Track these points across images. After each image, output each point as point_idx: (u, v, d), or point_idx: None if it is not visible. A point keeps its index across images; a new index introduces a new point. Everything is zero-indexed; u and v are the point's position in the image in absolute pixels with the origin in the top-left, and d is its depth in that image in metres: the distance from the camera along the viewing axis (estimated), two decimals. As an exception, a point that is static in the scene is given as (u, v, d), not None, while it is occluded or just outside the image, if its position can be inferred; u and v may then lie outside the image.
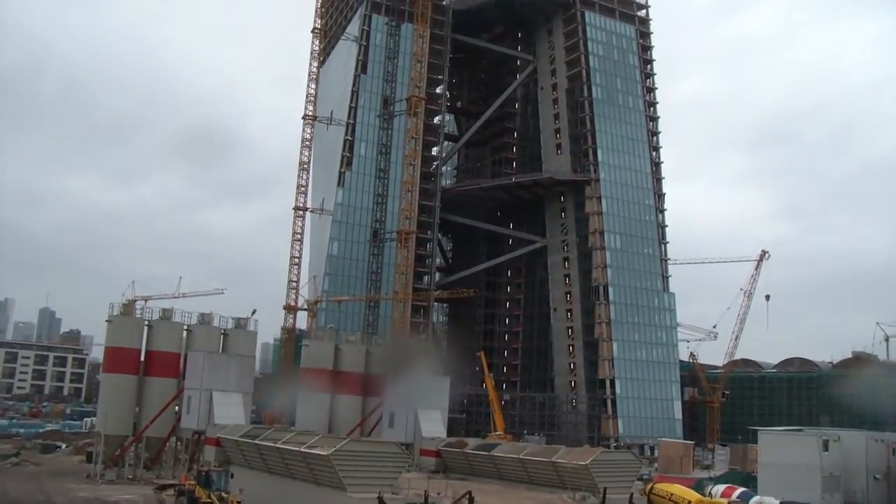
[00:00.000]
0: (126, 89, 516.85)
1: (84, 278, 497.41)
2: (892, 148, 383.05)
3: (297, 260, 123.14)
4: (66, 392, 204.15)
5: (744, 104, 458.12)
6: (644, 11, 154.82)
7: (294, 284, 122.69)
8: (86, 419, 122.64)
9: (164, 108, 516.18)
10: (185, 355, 67.76)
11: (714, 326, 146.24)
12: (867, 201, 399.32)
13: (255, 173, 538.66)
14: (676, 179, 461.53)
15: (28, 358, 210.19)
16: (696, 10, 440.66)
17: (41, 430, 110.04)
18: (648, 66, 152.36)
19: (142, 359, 68.33)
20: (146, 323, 68.79)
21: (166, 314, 69.90)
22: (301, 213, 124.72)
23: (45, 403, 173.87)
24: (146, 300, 75.76)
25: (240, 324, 73.16)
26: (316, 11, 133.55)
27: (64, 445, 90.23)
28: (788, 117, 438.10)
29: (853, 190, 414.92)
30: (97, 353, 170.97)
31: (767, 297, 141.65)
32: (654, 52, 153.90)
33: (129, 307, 70.38)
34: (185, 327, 70.21)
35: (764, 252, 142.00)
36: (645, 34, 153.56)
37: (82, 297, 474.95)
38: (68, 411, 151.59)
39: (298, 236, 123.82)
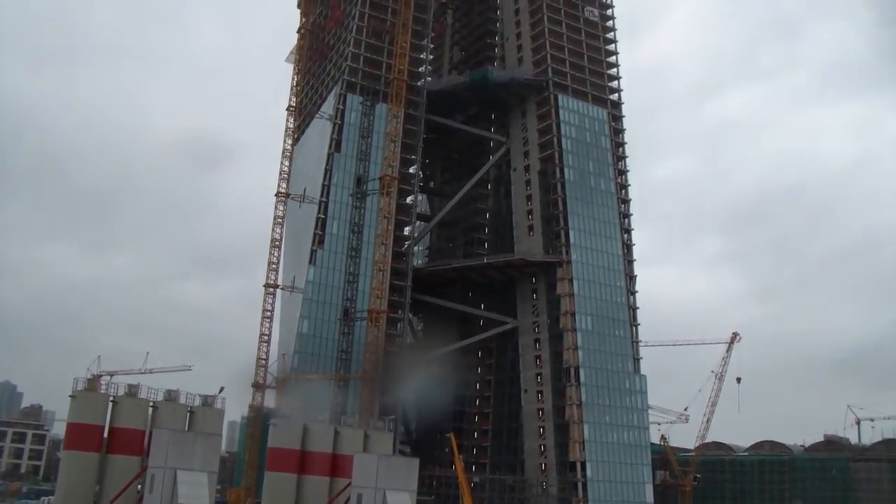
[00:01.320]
0: (101, 161, 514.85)
1: (48, 351, 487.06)
2: (865, 231, 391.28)
3: (266, 337, 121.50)
4: (23, 469, 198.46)
5: (720, 187, 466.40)
6: (616, 95, 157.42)
7: (263, 362, 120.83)
8: (43, 498, 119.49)
9: (140, 180, 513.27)
10: (150, 433, 66.26)
11: (685, 409, 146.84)
12: (841, 284, 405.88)
13: (228, 248, 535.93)
14: (651, 261, 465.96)
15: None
16: (674, 94, 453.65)
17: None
18: (620, 149, 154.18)
19: (105, 436, 66.88)
20: (111, 399, 67.58)
21: (132, 390, 68.79)
22: (272, 290, 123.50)
23: (0, 482, 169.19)
24: (112, 375, 74.67)
25: (207, 401, 72.03)
26: (291, 89, 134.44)
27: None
28: (763, 200, 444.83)
29: (827, 273, 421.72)
30: (59, 429, 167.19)
31: (738, 380, 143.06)
32: (629, 135, 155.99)
33: (93, 382, 69.28)
34: (151, 404, 68.98)
35: (735, 334, 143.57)
36: (617, 117, 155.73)
37: (46, 371, 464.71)
38: (24, 490, 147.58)
39: (268, 313, 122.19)
